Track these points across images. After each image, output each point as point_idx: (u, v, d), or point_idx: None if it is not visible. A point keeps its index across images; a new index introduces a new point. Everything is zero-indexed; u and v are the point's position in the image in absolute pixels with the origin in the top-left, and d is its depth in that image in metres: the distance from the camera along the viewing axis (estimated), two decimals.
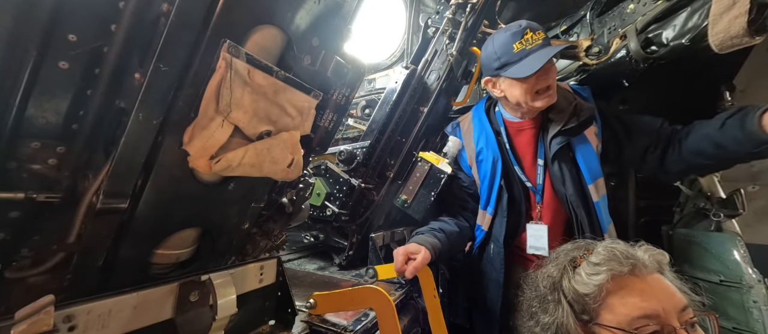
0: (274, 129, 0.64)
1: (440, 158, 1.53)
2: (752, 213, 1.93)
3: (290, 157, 0.66)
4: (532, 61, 1.15)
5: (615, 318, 0.73)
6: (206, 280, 0.59)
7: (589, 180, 1.28)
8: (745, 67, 1.54)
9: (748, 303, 1.27)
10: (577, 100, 1.30)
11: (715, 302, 1.44)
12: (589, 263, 0.79)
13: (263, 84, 0.60)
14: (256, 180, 0.69)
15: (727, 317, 1.36)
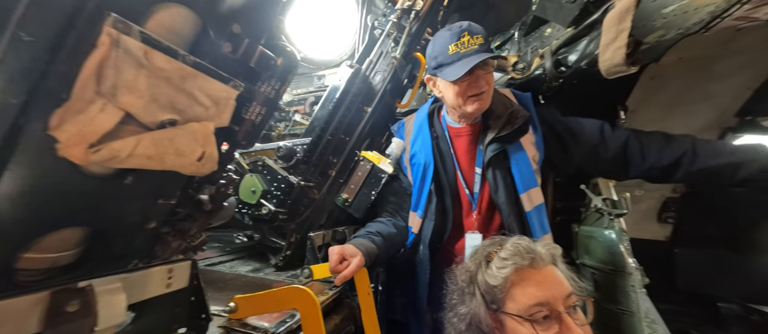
0: (181, 118, 0.58)
1: (382, 158, 1.56)
2: (639, 213, 2.33)
3: (200, 149, 0.61)
4: (462, 66, 1.16)
5: (516, 306, 0.82)
6: (86, 287, 0.52)
7: (522, 189, 1.29)
8: (634, 91, 1.85)
9: (628, 287, 1.53)
10: (514, 108, 1.32)
11: (606, 287, 1.72)
12: (499, 257, 0.88)
13: (166, 68, 0.54)
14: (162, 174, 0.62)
15: (614, 300, 1.62)
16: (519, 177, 1.31)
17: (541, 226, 1.32)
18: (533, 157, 1.34)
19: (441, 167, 1.43)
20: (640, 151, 1.26)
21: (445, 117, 1.49)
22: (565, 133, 1.36)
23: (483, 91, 1.26)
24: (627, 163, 1.28)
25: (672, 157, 1.20)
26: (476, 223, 1.40)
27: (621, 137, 1.29)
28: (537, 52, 1.44)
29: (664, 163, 1.21)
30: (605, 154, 1.29)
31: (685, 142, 1.21)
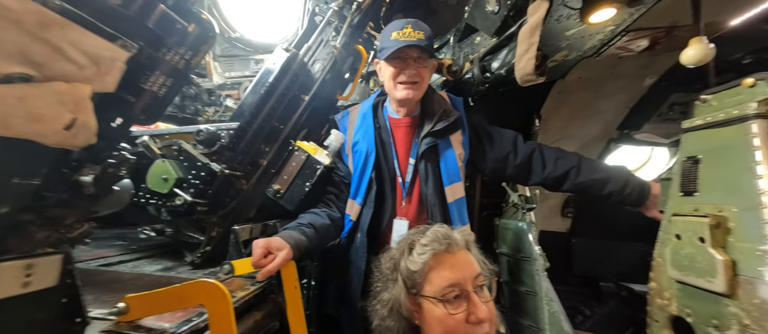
0: (39, 74, 0.48)
1: (319, 149, 1.52)
2: (547, 209, 2.70)
3: (68, 115, 0.51)
4: (393, 48, 1.28)
5: (432, 289, 0.87)
6: None
7: (446, 182, 1.41)
8: (546, 103, 2.13)
9: (533, 271, 1.76)
10: (447, 107, 1.47)
11: (516, 271, 1.96)
12: (420, 244, 0.93)
13: (17, 10, 0.44)
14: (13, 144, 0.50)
15: (523, 282, 1.86)
16: (445, 171, 1.43)
17: (460, 218, 1.45)
18: (459, 155, 1.47)
19: (382, 155, 1.49)
20: (541, 162, 1.44)
21: (387, 108, 1.55)
22: (487, 139, 1.52)
23: (415, 81, 1.36)
24: (530, 171, 1.46)
25: (563, 170, 1.40)
26: (405, 211, 1.48)
27: (529, 149, 1.47)
28: (468, 58, 1.56)
29: (557, 174, 1.41)
30: (514, 161, 1.46)
31: (574, 159, 1.41)
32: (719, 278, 0.78)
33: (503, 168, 1.51)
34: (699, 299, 0.86)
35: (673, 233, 0.93)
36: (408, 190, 1.47)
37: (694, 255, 0.85)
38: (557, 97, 2.08)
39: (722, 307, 0.79)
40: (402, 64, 1.33)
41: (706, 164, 0.91)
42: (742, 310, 0.75)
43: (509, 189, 2.12)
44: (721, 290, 0.78)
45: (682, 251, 0.89)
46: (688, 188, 0.94)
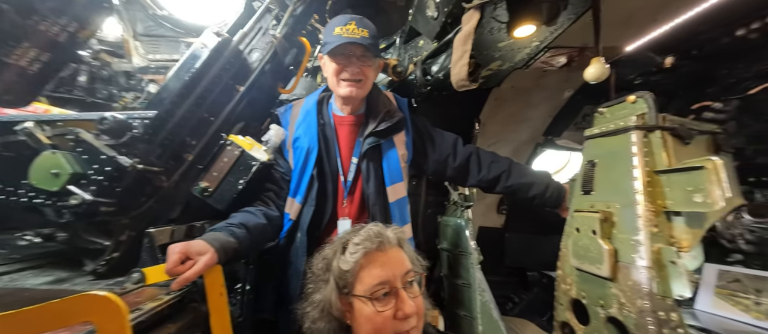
0: None
1: (256, 144, 1.42)
2: (485, 206, 2.91)
3: None
4: (336, 44, 1.26)
5: (363, 287, 0.87)
6: None
7: (388, 182, 1.41)
8: (484, 108, 2.30)
9: (469, 265, 1.89)
10: (392, 108, 1.48)
11: (454, 265, 2.08)
12: (352, 243, 0.92)
13: None
14: None
15: (460, 276, 1.98)
16: (387, 171, 1.44)
17: (401, 217, 1.47)
18: (402, 155, 1.49)
19: (325, 153, 1.44)
20: (477, 165, 1.53)
21: (332, 105, 1.51)
22: (430, 141, 1.57)
23: (359, 80, 1.35)
24: (467, 173, 1.54)
25: (495, 174, 1.50)
26: (347, 210, 1.46)
27: (467, 152, 1.55)
28: (412, 60, 1.59)
29: (490, 177, 1.50)
30: (453, 163, 1.52)
31: (505, 163, 1.52)
32: (605, 265, 0.92)
33: (443, 170, 1.57)
34: (591, 283, 0.99)
35: (575, 226, 1.07)
36: (350, 189, 1.45)
37: (589, 246, 0.99)
38: (494, 103, 2.25)
39: (607, 289, 0.93)
40: (345, 61, 1.31)
41: (600, 167, 1.06)
42: (620, 291, 0.89)
43: (451, 188, 2.24)
44: (606, 274, 0.92)
45: (580, 242, 1.03)
46: (586, 187, 1.09)
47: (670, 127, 0.90)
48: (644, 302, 0.81)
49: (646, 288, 0.82)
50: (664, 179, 0.87)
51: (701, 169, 0.78)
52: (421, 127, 1.58)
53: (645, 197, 0.88)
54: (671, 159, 0.88)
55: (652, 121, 0.93)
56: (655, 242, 0.84)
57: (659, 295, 0.80)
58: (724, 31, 1.44)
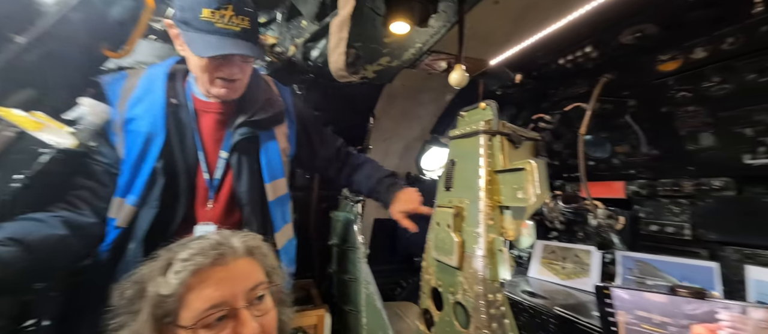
0: None
1: (52, 123, 1.01)
2: None
3: None
4: (212, 46, 0.99)
5: (190, 315, 0.68)
6: None
7: (267, 179, 1.24)
8: (378, 104, 2.33)
9: (355, 259, 1.89)
10: (272, 96, 1.28)
11: (343, 261, 2.06)
12: (179, 260, 0.72)
13: None
14: None
15: (348, 271, 1.96)
16: (267, 166, 1.25)
17: (282, 216, 1.32)
18: (284, 149, 1.33)
19: (176, 142, 1.14)
20: (350, 166, 1.55)
21: (192, 85, 1.20)
22: (316, 136, 1.46)
23: (236, 79, 1.11)
24: (340, 173, 1.56)
25: (358, 177, 1.54)
26: (212, 213, 1.20)
27: (345, 152, 1.55)
28: (294, 41, 1.43)
29: (354, 178, 1.55)
30: (336, 163, 1.51)
31: (367, 168, 1.55)
32: (455, 255, 1.01)
33: (325, 168, 1.53)
34: (446, 273, 1.09)
35: (436, 220, 1.15)
36: (216, 188, 1.20)
37: (445, 238, 1.07)
38: (387, 99, 2.29)
39: (456, 277, 1.03)
40: (221, 60, 1.06)
41: (458, 166, 1.16)
42: (464, 278, 0.99)
43: None
44: (455, 264, 1.01)
45: (439, 235, 1.11)
46: (447, 184, 1.18)
47: (507, 133, 1.04)
48: (479, 287, 0.92)
49: (481, 274, 0.93)
50: (500, 177, 1.01)
51: (522, 170, 0.91)
52: (307, 120, 1.44)
53: (485, 194, 0.99)
54: (505, 160, 1.02)
55: (495, 126, 1.05)
56: (489, 233, 0.96)
57: (489, 279, 0.92)
58: (552, 58, 1.81)
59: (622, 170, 1.97)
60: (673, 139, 1.65)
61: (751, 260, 1.42)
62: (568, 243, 2.19)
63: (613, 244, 1.61)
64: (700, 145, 1.57)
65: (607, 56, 1.65)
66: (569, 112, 1.95)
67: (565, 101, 1.99)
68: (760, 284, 1.33)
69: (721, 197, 1.55)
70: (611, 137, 1.91)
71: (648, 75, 1.59)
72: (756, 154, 1.42)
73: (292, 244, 1.40)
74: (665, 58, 1.51)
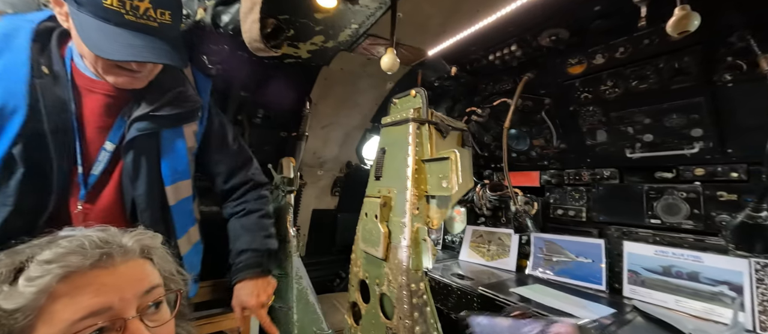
0: None
1: None
2: (320, 189, 2.88)
3: None
4: (117, 44, 0.80)
5: (52, 329, 0.52)
6: None
7: (169, 181, 1.07)
8: (315, 88, 2.17)
9: (287, 253, 1.77)
10: (185, 89, 1.05)
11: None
12: (38, 262, 0.54)
13: None
14: None
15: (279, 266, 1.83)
16: (170, 168, 1.06)
17: (186, 219, 1.15)
18: (191, 148, 1.14)
19: (45, 121, 0.88)
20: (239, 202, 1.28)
21: (73, 51, 0.94)
22: (222, 135, 1.25)
23: (139, 71, 0.91)
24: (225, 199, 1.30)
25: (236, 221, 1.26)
26: (83, 215, 0.96)
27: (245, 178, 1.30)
28: (203, 3, 1.21)
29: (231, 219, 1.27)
30: (232, 180, 1.27)
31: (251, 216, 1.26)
32: (381, 247, 0.98)
33: (215, 180, 1.28)
34: (373, 265, 1.06)
35: (364, 211, 1.10)
36: (94, 186, 0.97)
37: (372, 229, 1.03)
38: (324, 83, 2.16)
39: (382, 269, 1.00)
40: None
41: (388, 154, 1.13)
42: (389, 269, 0.97)
43: (274, 171, 2.01)
44: (381, 256, 0.98)
45: (367, 226, 1.07)
46: (377, 173, 1.14)
47: (435, 122, 1.03)
48: (402, 277, 0.91)
49: (405, 265, 0.91)
50: (427, 166, 1.00)
51: (447, 159, 0.91)
52: (220, 117, 1.25)
53: (412, 183, 0.97)
54: (432, 150, 1.01)
55: (424, 115, 1.03)
56: (415, 223, 0.95)
57: (413, 269, 0.91)
58: (483, 53, 1.90)
59: (538, 161, 2.20)
60: (577, 135, 1.88)
61: (627, 237, 1.72)
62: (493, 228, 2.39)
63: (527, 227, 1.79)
64: (596, 141, 1.83)
65: (529, 56, 1.78)
66: (497, 106, 2.09)
67: (494, 96, 2.12)
68: (631, 255, 1.62)
69: (608, 185, 1.83)
70: (530, 132, 2.11)
71: (560, 76, 1.77)
72: (634, 149, 1.69)
73: (199, 249, 1.23)
74: (574, 61, 1.69)
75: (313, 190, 2.80)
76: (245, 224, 1.23)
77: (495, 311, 1.56)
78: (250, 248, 1.19)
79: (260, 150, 2.30)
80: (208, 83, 1.20)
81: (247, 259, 1.18)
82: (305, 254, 2.86)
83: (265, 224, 1.27)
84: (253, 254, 1.18)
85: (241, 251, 1.19)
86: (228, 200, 1.29)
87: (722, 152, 1.43)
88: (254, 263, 1.17)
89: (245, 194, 1.28)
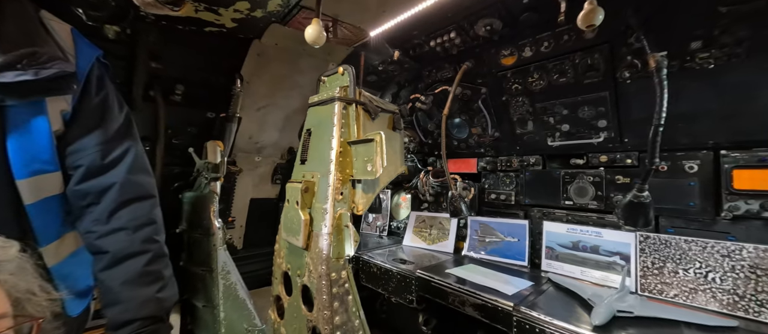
0: None
1: None
2: (259, 177, 2.66)
3: None
4: None
5: None
6: None
7: (23, 173, 0.83)
8: (246, 63, 1.96)
9: (211, 247, 1.59)
10: (48, 48, 0.81)
11: (195, 251, 1.72)
12: None
13: None
14: None
15: (200, 262, 1.64)
16: (22, 155, 0.82)
17: (51, 225, 0.90)
18: (58, 131, 0.88)
19: None
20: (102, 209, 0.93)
21: None
22: (99, 115, 0.94)
23: None
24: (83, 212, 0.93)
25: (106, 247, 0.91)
26: None
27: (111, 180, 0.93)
28: None
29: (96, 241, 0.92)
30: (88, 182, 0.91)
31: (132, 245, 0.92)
32: (301, 235, 0.91)
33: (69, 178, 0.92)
34: (295, 255, 0.98)
35: (287, 198, 1.01)
36: None
37: (293, 217, 0.95)
38: (257, 60, 1.95)
39: (303, 259, 0.93)
40: None
41: (314, 136, 1.04)
42: (310, 259, 0.90)
43: (194, 155, 1.78)
44: (301, 245, 0.91)
45: (288, 214, 0.98)
46: (303, 156, 1.05)
47: (363, 102, 0.97)
48: (323, 266, 0.85)
49: (325, 253, 0.85)
50: (353, 149, 0.94)
51: (372, 141, 0.87)
52: (100, 100, 0.94)
53: (336, 166, 0.91)
54: (360, 132, 0.96)
55: (351, 94, 0.97)
56: (338, 209, 0.89)
57: (334, 258, 0.86)
58: (425, 39, 1.89)
59: (476, 148, 2.30)
60: (509, 124, 2.00)
61: (546, 217, 1.90)
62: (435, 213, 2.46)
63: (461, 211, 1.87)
64: (525, 130, 1.96)
65: (467, 44, 1.82)
66: (439, 94, 2.11)
67: (437, 84, 2.14)
68: (549, 233, 1.80)
69: (533, 171, 1.99)
70: (470, 120, 2.18)
71: (495, 67, 1.84)
72: (554, 138, 1.85)
73: (84, 259, 0.97)
74: (506, 53, 1.76)
75: (251, 178, 2.58)
76: (125, 274, 0.88)
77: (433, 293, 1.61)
78: (139, 317, 0.86)
79: (182, 132, 2.03)
80: (94, 51, 0.95)
81: (130, 332, 0.85)
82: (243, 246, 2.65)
83: (156, 270, 0.91)
84: (139, 324, 0.86)
85: (127, 322, 0.85)
86: (85, 216, 0.91)
87: (621, 141, 1.63)
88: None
89: (115, 211, 0.91)
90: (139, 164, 0.97)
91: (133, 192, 0.93)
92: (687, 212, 1.44)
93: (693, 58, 1.28)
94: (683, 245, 1.38)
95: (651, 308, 1.22)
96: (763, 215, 1.28)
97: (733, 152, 1.36)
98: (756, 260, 1.22)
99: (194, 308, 1.69)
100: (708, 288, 1.28)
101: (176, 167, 1.99)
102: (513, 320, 1.24)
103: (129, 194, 0.92)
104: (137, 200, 0.93)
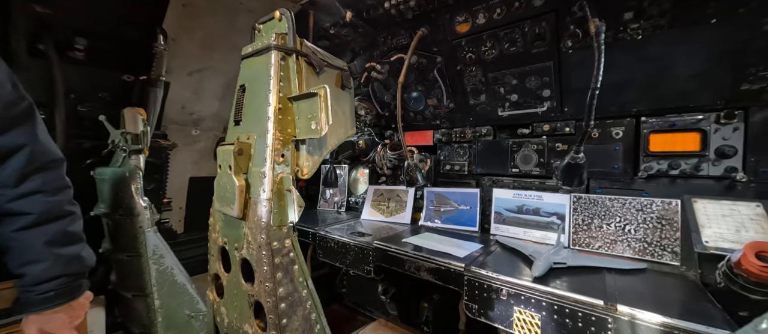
0: None
1: None
2: (198, 153, 2.38)
3: None
4: None
5: None
6: None
7: None
8: (168, 16, 1.66)
9: (136, 229, 1.38)
10: None
11: (118, 235, 1.49)
12: None
13: None
14: None
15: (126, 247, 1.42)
16: None
17: None
18: None
19: None
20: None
21: None
22: None
23: None
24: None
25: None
26: None
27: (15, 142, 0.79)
28: None
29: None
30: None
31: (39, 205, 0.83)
32: (236, 204, 0.80)
33: None
34: (231, 227, 0.87)
35: (219, 163, 0.88)
36: None
37: (226, 184, 0.83)
38: (183, 12, 1.67)
39: (240, 230, 0.83)
40: None
41: (248, 93, 0.91)
42: (249, 229, 0.81)
43: (107, 124, 1.50)
44: (237, 214, 0.80)
45: (221, 181, 0.86)
46: (237, 117, 0.91)
47: (305, 53, 0.86)
48: (262, 236, 0.76)
49: (265, 221, 0.76)
50: (295, 106, 0.83)
51: (315, 96, 0.77)
52: None
53: (275, 125, 0.80)
54: (302, 87, 0.85)
55: (290, 43, 0.84)
56: (278, 172, 0.79)
57: (275, 226, 0.77)
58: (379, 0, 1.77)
59: (432, 120, 2.30)
60: (463, 95, 2.02)
61: (496, 185, 1.99)
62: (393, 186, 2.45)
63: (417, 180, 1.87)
64: (478, 100, 1.99)
65: (422, 8, 1.74)
66: (395, 62, 2.03)
67: (393, 51, 2.06)
68: (498, 200, 1.90)
69: (484, 141, 2.06)
70: (426, 92, 2.16)
71: (451, 34, 1.81)
72: (504, 108, 1.92)
73: None
74: (461, 19, 1.73)
75: (189, 153, 2.29)
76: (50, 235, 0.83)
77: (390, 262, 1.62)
78: (65, 273, 0.84)
79: (90, 97, 1.68)
80: None
81: (56, 286, 0.83)
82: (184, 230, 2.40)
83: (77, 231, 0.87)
84: (65, 279, 0.84)
85: (54, 277, 0.82)
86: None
87: (561, 111, 1.74)
88: (66, 289, 0.83)
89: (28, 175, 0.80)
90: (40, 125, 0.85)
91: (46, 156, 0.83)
92: (612, 174, 1.61)
93: (625, 29, 1.37)
94: (607, 203, 1.54)
95: (580, 258, 1.36)
96: (670, 173, 1.48)
97: (650, 118, 1.52)
98: (662, 212, 1.42)
99: (122, 299, 1.48)
100: (624, 238, 1.47)
101: (86, 140, 1.67)
102: (464, 279, 1.29)
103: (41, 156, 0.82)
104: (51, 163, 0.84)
